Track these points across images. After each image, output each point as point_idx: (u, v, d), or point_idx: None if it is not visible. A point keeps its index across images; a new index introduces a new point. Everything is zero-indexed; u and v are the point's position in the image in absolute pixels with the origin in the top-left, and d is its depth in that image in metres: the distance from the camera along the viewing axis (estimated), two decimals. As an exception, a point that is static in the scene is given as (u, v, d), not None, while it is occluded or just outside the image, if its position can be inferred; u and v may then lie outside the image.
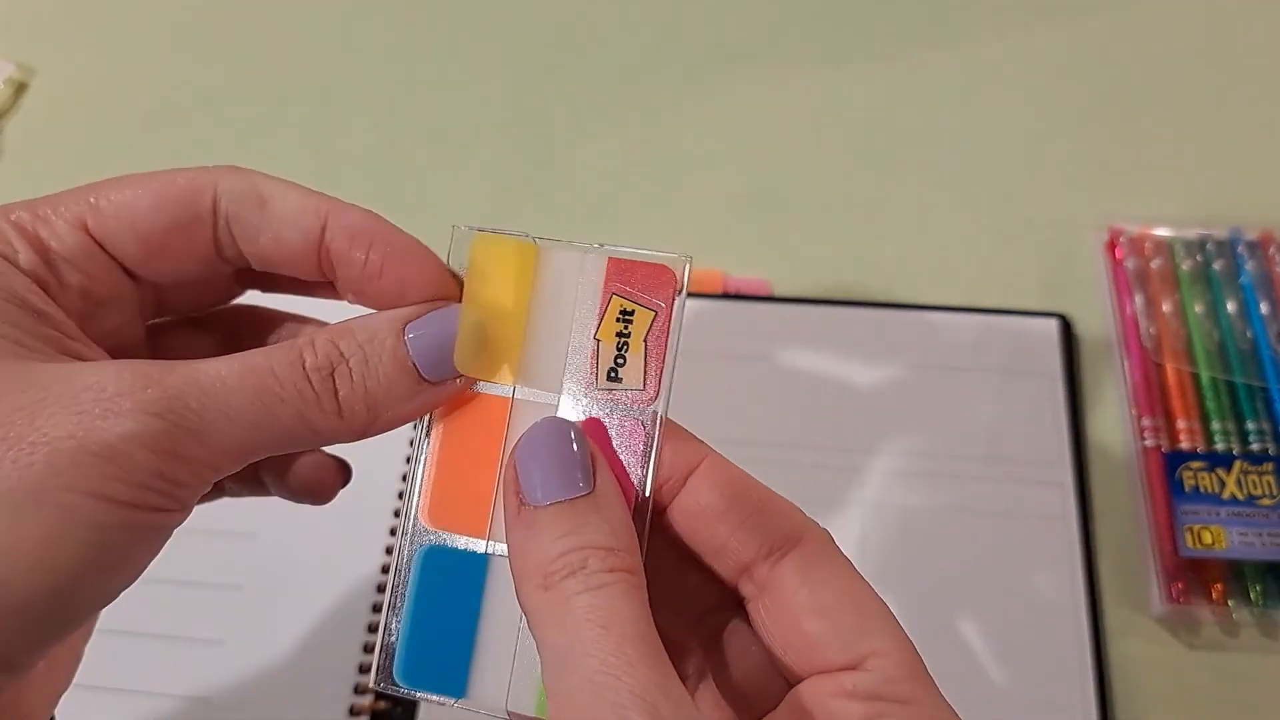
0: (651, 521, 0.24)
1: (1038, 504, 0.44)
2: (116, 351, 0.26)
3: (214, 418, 0.22)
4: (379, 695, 0.40)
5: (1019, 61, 0.59)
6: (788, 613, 0.23)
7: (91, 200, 0.25)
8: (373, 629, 0.41)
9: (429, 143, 0.57)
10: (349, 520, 0.44)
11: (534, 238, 0.25)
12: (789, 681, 0.23)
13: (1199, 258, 0.50)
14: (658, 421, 0.24)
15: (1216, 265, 0.49)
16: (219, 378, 0.22)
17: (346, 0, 0.63)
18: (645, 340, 0.24)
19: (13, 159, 0.57)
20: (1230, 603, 0.41)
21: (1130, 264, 0.50)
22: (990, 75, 0.59)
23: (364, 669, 0.40)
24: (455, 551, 0.24)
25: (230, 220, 0.25)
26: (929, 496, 0.44)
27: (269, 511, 0.44)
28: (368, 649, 0.41)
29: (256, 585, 0.42)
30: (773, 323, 0.49)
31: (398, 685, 0.24)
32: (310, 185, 0.26)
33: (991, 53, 0.60)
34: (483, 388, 0.25)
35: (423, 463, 0.25)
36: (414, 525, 0.25)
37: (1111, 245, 0.51)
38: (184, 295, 0.28)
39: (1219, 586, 0.42)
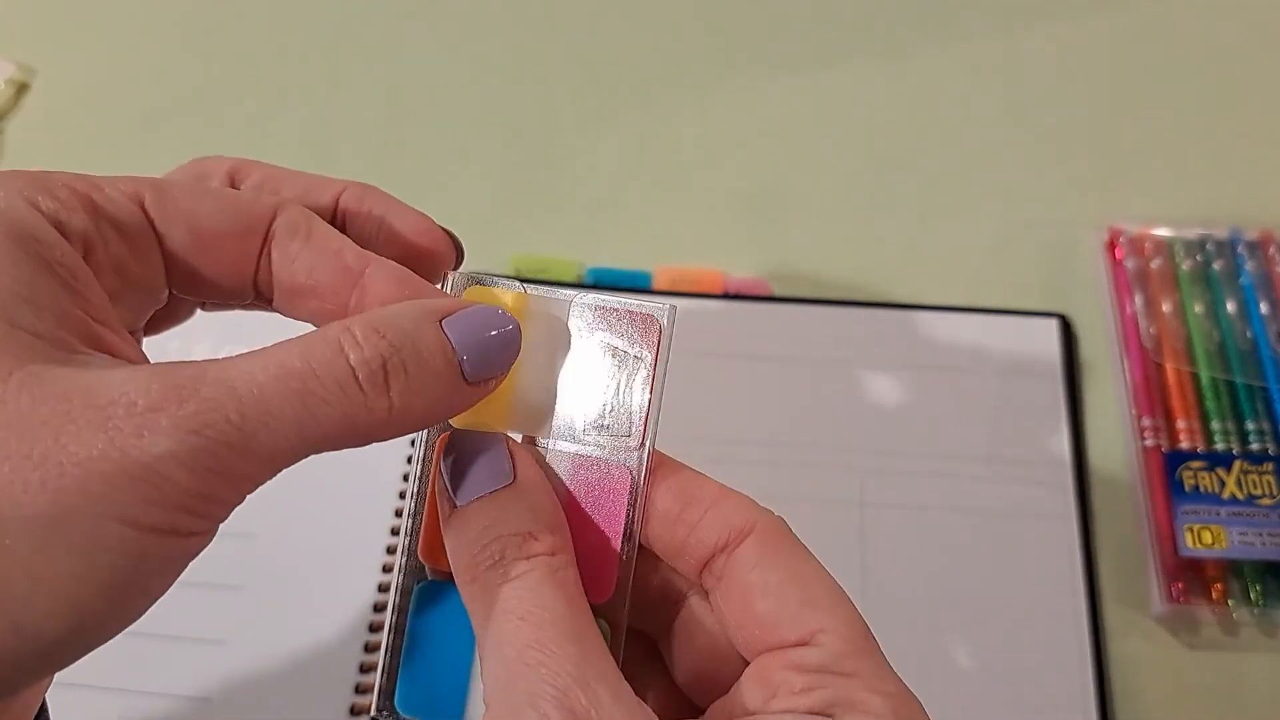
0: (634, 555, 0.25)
1: (1038, 504, 0.44)
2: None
3: (254, 429, 0.20)
4: (379, 695, 0.40)
5: (1019, 61, 0.59)
6: (741, 595, 0.23)
7: (155, 182, 0.24)
8: (374, 628, 0.41)
9: (429, 143, 0.57)
10: (350, 520, 0.44)
11: (525, 287, 0.25)
12: (746, 661, 0.24)
13: (1199, 258, 0.50)
14: (644, 466, 0.24)
15: (1216, 265, 0.50)
16: (255, 383, 0.20)
17: (347, 1, 0.63)
18: (632, 387, 0.25)
19: (13, 159, 0.57)
20: (1230, 602, 0.41)
21: (1130, 264, 0.50)
22: (990, 75, 0.59)
23: (365, 668, 0.40)
24: (450, 586, 0.25)
25: (274, 241, 0.25)
26: (929, 496, 0.44)
27: (269, 511, 0.44)
28: (369, 648, 0.41)
29: (257, 585, 0.42)
30: (773, 323, 0.49)
31: (397, 714, 0.24)
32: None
33: (992, 53, 0.60)
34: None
35: (415, 499, 0.25)
36: (408, 560, 0.25)
37: (1111, 245, 0.51)
38: (180, 308, 0.28)
39: (1219, 586, 0.42)
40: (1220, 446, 0.45)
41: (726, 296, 0.50)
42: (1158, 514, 0.43)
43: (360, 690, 0.40)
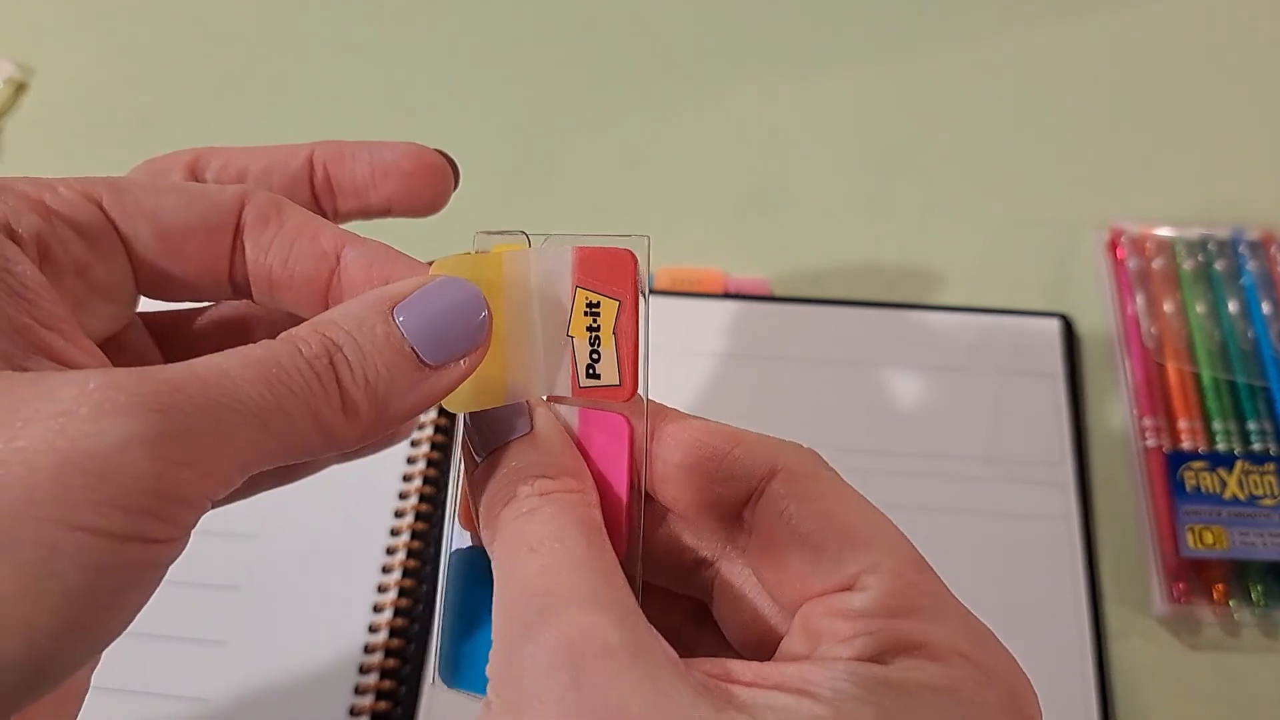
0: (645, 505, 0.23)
1: (1038, 504, 0.44)
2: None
3: (223, 413, 0.18)
4: (379, 695, 0.40)
5: (1019, 61, 0.59)
6: (773, 552, 0.22)
7: (112, 181, 0.23)
8: (373, 629, 0.41)
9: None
10: (349, 521, 0.44)
11: (490, 238, 0.24)
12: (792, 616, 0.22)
13: (1200, 257, 0.50)
14: (644, 413, 0.23)
15: (1218, 265, 0.49)
16: (220, 369, 0.19)
17: (346, 0, 0.63)
18: (615, 332, 0.23)
19: (13, 159, 0.57)
20: (1231, 603, 0.41)
21: (1132, 264, 0.50)
22: (991, 75, 0.59)
23: (364, 669, 0.40)
24: (482, 552, 0.24)
25: (245, 232, 0.24)
26: (929, 496, 0.44)
27: (269, 512, 0.44)
28: (368, 649, 0.41)
29: (256, 586, 0.42)
30: (773, 323, 0.49)
31: (442, 685, 0.24)
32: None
33: (992, 53, 0.59)
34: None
35: (458, 467, 0.24)
36: (451, 529, 0.24)
37: (1113, 245, 0.51)
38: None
39: (1220, 587, 0.42)
40: (1222, 447, 0.45)
41: (726, 296, 0.50)
42: (1159, 514, 0.43)
43: (359, 691, 0.40)
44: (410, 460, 0.45)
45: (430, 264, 0.24)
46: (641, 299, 0.23)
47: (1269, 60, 0.59)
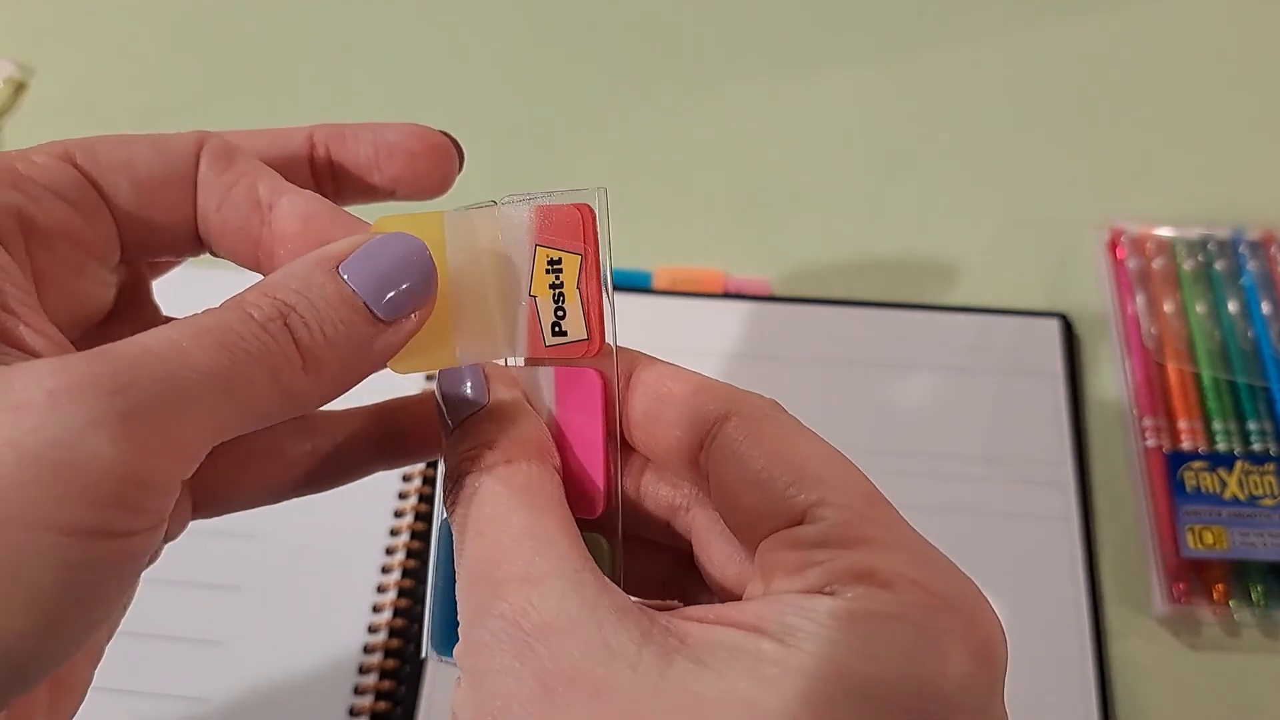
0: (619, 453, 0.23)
1: (1038, 504, 0.44)
2: (88, 322, 0.23)
3: (182, 385, 0.18)
4: (379, 695, 0.40)
5: (1019, 61, 0.59)
6: (728, 492, 0.22)
7: (81, 140, 0.22)
8: (373, 629, 0.41)
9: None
10: (348, 521, 0.44)
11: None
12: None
13: (1201, 257, 0.50)
14: (614, 365, 0.23)
15: (1218, 265, 0.49)
16: (173, 342, 0.18)
17: (345, 0, 0.63)
18: (578, 287, 0.23)
19: (12, 159, 0.57)
20: (1232, 603, 0.41)
21: (1132, 264, 0.50)
22: (991, 75, 0.59)
23: (364, 669, 0.40)
24: None
25: (199, 178, 0.23)
26: (929, 496, 0.44)
27: (268, 512, 0.44)
28: (368, 649, 0.41)
29: (256, 585, 0.42)
30: (773, 323, 0.49)
31: (435, 655, 0.24)
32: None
33: (992, 53, 0.59)
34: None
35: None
36: (440, 500, 0.24)
37: (1113, 245, 0.51)
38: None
39: (1220, 587, 0.42)
40: (1222, 447, 0.44)
41: (726, 296, 0.50)
42: (1159, 514, 0.43)
43: (359, 691, 0.40)
44: (410, 460, 0.45)
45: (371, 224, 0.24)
46: (602, 250, 0.23)
47: (1269, 60, 0.59)
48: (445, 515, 0.24)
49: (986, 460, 0.45)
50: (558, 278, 0.23)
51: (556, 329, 0.23)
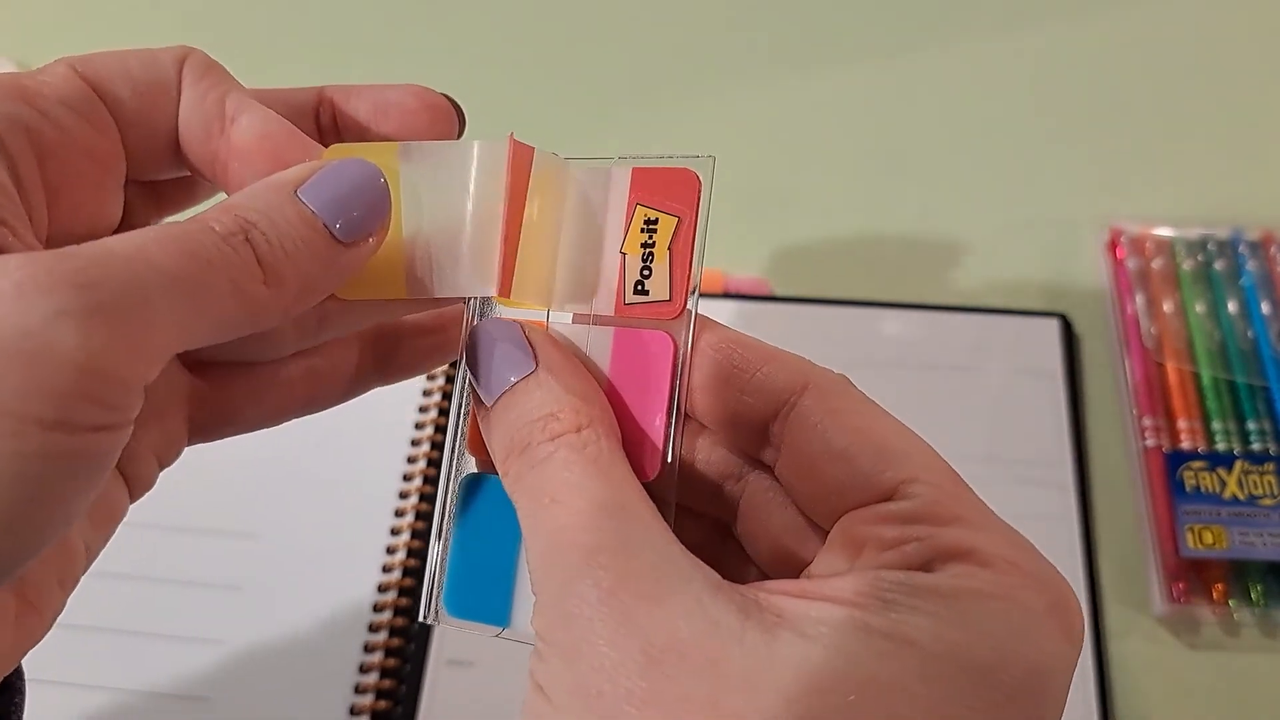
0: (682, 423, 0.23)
1: (1038, 504, 0.44)
2: (97, 238, 0.24)
3: (147, 286, 0.18)
4: (379, 695, 0.40)
5: (1020, 61, 0.59)
6: (806, 465, 0.21)
7: (76, 56, 0.23)
8: (373, 628, 0.41)
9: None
10: (349, 520, 0.44)
11: (564, 158, 0.24)
12: (826, 531, 0.22)
13: (1200, 257, 0.50)
14: (688, 333, 0.23)
15: (1218, 265, 0.49)
16: (138, 245, 0.19)
17: (345, 0, 0.63)
18: (670, 249, 0.23)
19: (13, 159, 0.57)
20: (1231, 603, 0.41)
21: (1131, 264, 0.50)
22: (991, 75, 0.59)
23: (364, 669, 0.40)
24: (495, 479, 0.23)
25: (182, 89, 0.24)
26: (929, 496, 0.44)
27: (269, 511, 0.44)
28: (368, 648, 0.41)
29: (256, 585, 0.42)
30: (773, 323, 0.49)
31: (448, 618, 0.23)
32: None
33: (992, 53, 0.59)
34: (517, 315, 0.24)
35: (464, 394, 0.24)
36: (457, 457, 0.24)
37: (1113, 245, 0.51)
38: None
39: (1220, 587, 0.42)
40: (1221, 446, 0.45)
41: (726, 296, 0.50)
42: (1159, 514, 0.43)
43: (359, 690, 0.40)
44: (411, 460, 0.45)
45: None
46: (701, 217, 0.23)
47: (1269, 60, 0.59)
48: (448, 471, 0.23)
49: (986, 460, 0.45)
50: (650, 238, 0.23)
51: (639, 287, 0.23)
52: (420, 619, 0.23)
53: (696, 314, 0.23)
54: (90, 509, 0.21)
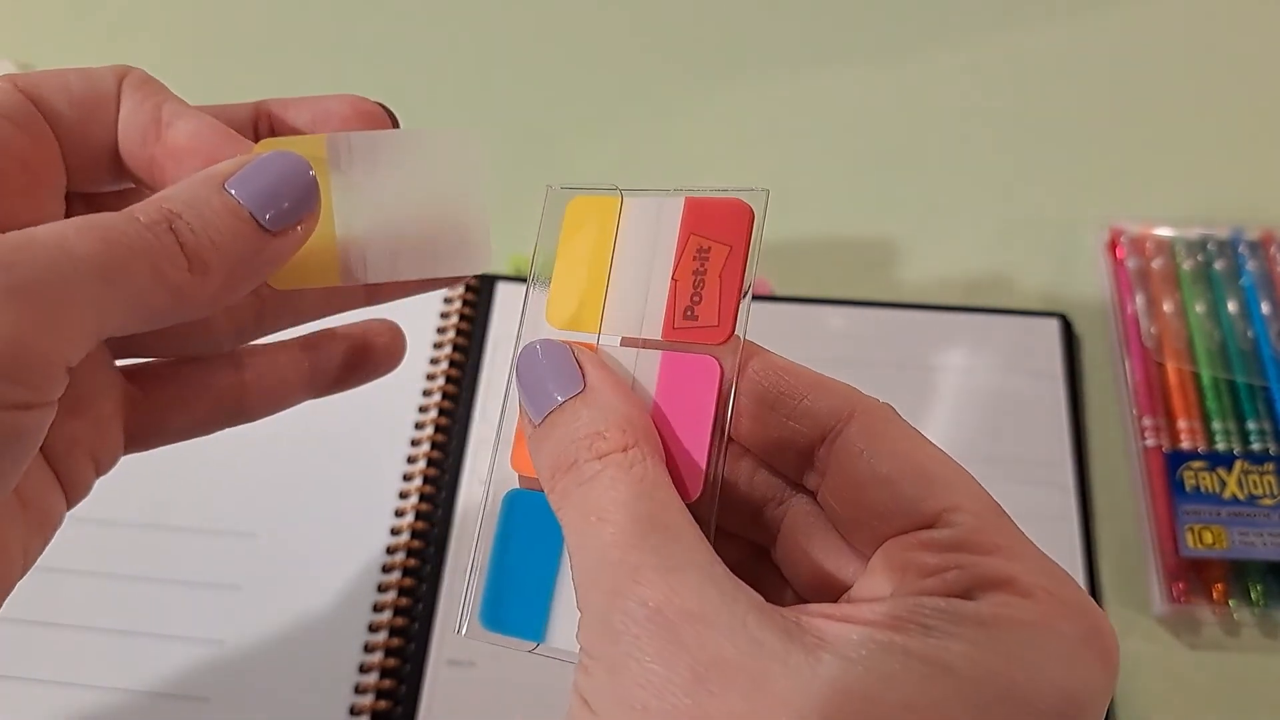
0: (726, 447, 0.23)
1: (1038, 504, 0.44)
2: None
3: (64, 269, 0.20)
4: (379, 695, 0.40)
5: (1019, 61, 0.59)
6: (850, 490, 0.22)
7: (20, 72, 0.24)
8: (373, 628, 0.41)
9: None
10: (349, 520, 0.44)
11: (619, 189, 0.25)
12: (867, 557, 0.22)
13: (1200, 257, 0.50)
14: (736, 357, 0.23)
15: (1218, 265, 0.49)
16: (57, 232, 0.20)
17: (347, 0, 0.63)
18: (720, 277, 0.24)
19: (13, 159, 0.57)
20: (1231, 603, 0.41)
21: (1131, 263, 0.50)
22: (991, 75, 0.59)
23: (364, 669, 0.40)
24: (538, 495, 0.24)
25: (120, 102, 0.25)
26: (929, 496, 0.44)
27: (269, 511, 0.44)
28: (368, 648, 0.41)
29: (256, 585, 0.42)
30: (773, 323, 0.49)
31: (481, 631, 0.23)
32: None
33: (992, 53, 0.60)
34: (568, 338, 0.24)
35: (508, 410, 0.24)
36: (498, 471, 0.24)
37: (1113, 245, 0.51)
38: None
39: (1220, 586, 0.42)
40: (1221, 446, 0.45)
41: (727, 296, 0.50)
42: (1158, 514, 0.43)
43: (359, 690, 0.40)
44: (410, 460, 0.45)
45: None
46: (752, 249, 0.24)
47: (1269, 60, 0.59)
48: (509, 489, 0.24)
49: (986, 460, 0.45)
50: (702, 265, 0.24)
51: (689, 313, 0.24)
52: (458, 632, 0.24)
53: (745, 340, 0.23)
54: (27, 512, 0.21)
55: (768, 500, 0.24)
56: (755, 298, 0.52)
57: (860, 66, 0.59)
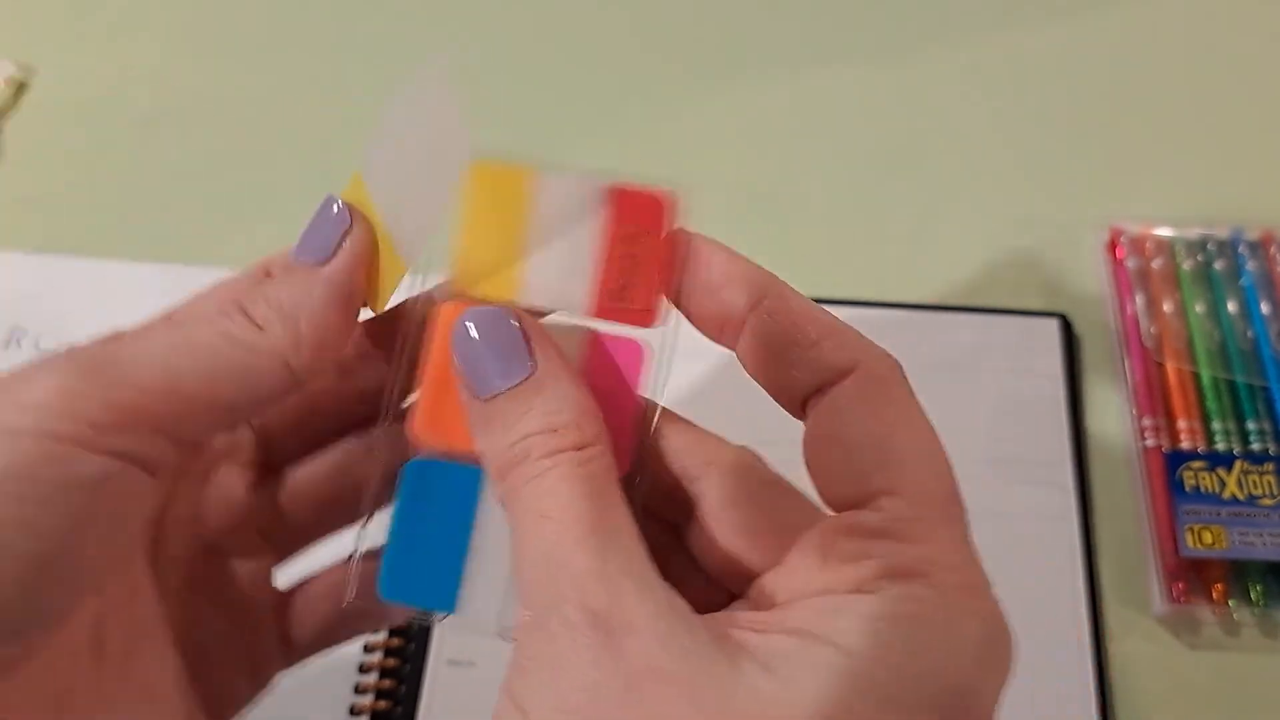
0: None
1: (1038, 504, 0.44)
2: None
3: (134, 352, 0.22)
4: (379, 695, 0.40)
5: (1019, 61, 0.59)
6: (820, 448, 0.22)
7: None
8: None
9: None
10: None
11: (534, 163, 0.25)
12: (788, 537, 0.23)
13: (1200, 257, 0.50)
14: (665, 340, 0.24)
15: (1218, 265, 0.49)
16: (139, 335, 0.23)
17: (345, 2, 0.63)
18: (651, 262, 0.24)
19: (13, 159, 0.57)
20: (1231, 603, 0.41)
21: (1131, 264, 0.50)
22: (991, 75, 0.59)
23: (364, 669, 0.40)
24: (446, 465, 0.23)
25: None
26: (929, 496, 0.44)
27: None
28: (368, 649, 0.41)
29: (256, 585, 0.42)
30: (773, 322, 0.49)
31: (384, 598, 0.23)
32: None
33: (992, 53, 0.59)
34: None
35: (400, 371, 0.24)
36: (391, 439, 0.24)
37: (1112, 245, 0.51)
38: None
39: (1220, 586, 0.42)
40: (1221, 446, 0.45)
41: (726, 296, 0.50)
42: (1158, 514, 0.43)
43: (359, 690, 0.40)
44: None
45: None
46: (682, 234, 0.24)
47: (1269, 60, 0.59)
48: (412, 457, 0.24)
49: (986, 460, 0.45)
50: (631, 250, 0.24)
51: (620, 294, 0.24)
52: (346, 600, 0.24)
53: (672, 334, 0.24)
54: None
55: (688, 477, 0.24)
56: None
57: (860, 66, 0.59)
